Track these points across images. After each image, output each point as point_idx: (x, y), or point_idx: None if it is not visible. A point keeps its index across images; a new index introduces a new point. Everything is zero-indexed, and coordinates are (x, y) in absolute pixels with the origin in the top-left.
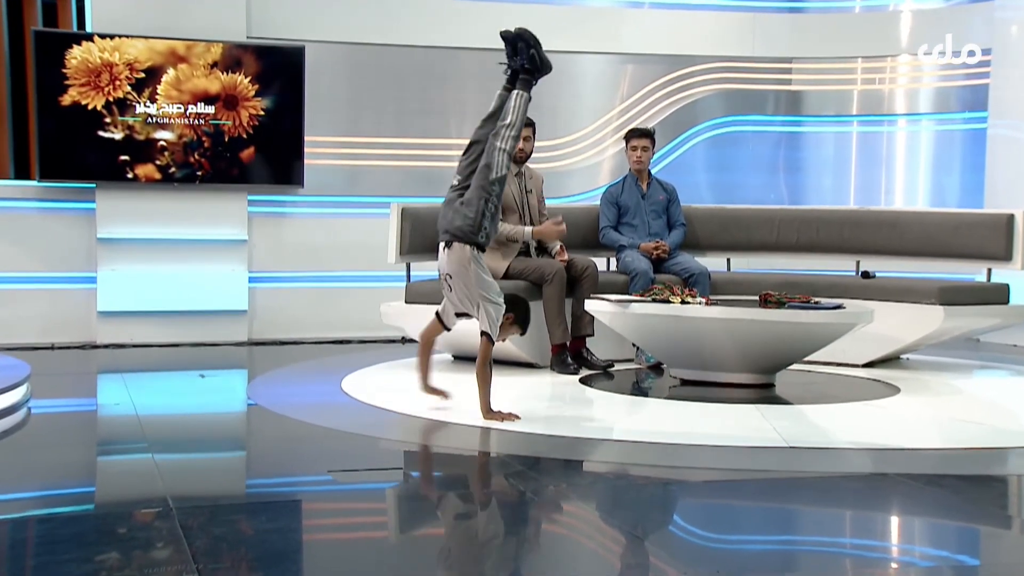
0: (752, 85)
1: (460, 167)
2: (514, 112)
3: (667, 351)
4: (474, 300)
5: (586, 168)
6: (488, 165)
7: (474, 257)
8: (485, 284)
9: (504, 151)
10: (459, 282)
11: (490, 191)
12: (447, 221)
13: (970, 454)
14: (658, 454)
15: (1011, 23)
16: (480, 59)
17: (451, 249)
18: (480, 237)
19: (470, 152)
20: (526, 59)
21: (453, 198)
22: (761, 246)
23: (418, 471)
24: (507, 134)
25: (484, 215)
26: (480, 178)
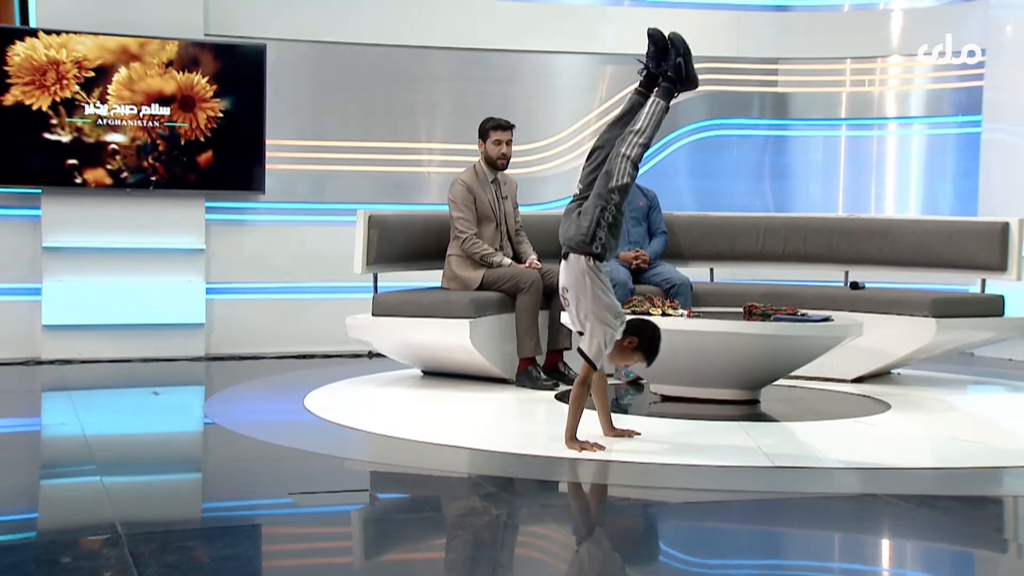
0: (737, 87)
1: (582, 175)
2: (646, 119)
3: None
4: (588, 318)
5: (563, 174)
6: (609, 172)
7: (591, 269)
8: (600, 301)
9: (629, 159)
10: (574, 296)
11: (608, 199)
12: (564, 232)
13: (964, 474)
14: (637, 474)
15: (1006, 23)
16: (453, 59)
17: (568, 261)
18: (595, 247)
19: (592, 159)
20: (671, 67)
21: (572, 208)
22: (746, 255)
23: (385, 493)
24: (634, 141)
25: (600, 224)
26: (599, 185)
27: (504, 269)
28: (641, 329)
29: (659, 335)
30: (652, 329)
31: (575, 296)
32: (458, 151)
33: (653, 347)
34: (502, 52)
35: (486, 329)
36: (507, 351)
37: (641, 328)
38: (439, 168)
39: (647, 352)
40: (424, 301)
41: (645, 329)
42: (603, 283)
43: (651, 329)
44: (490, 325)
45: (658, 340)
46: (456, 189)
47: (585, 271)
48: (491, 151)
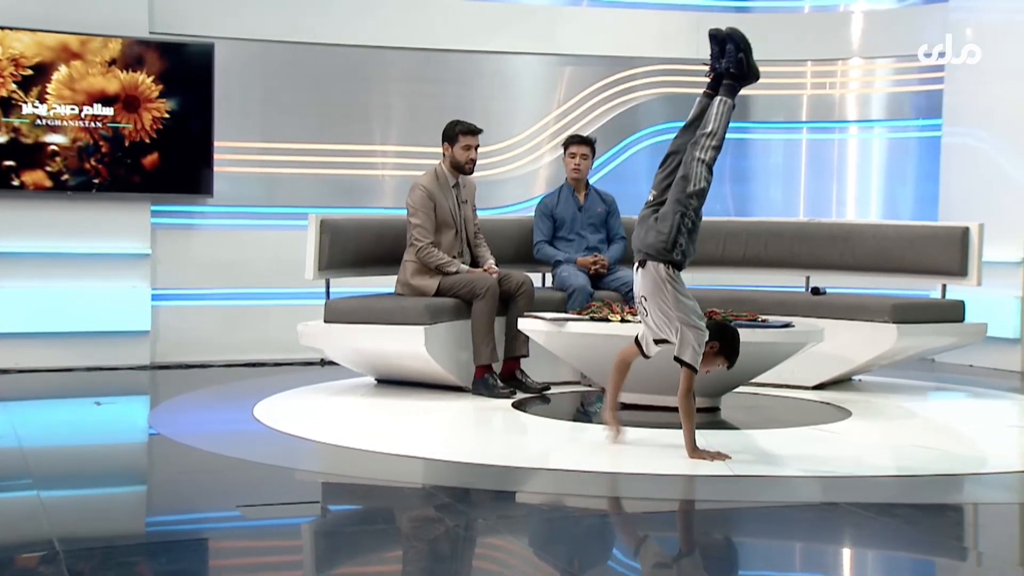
0: (697, 89)
1: (656, 181)
2: (716, 120)
3: (606, 373)
4: (672, 324)
5: (520, 177)
6: (685, 177)
7: (670, 277)
8: (684, 306)
9: (703, 162)
10: (655, 304)
11: (687, 205)
12: (639, 239)
13: (924, 482)
14: (596, 484)
15: (965, 25)
16: (408, 59)
17: (645, 269)
18: (675, 255)
19: (666, 164)
20: (733, 63)
21: (647, 214)
22: (706, 260)
23: (337, 505)
24: (707, 144)
25: (680, 231)
26: (677, 191)
27: (461, 275)
28: (721, 333)
29: (738, 337)
30: (732, 332)
31: (655, 304)
32: (414, 154)
33: (734, 349)
34: (459, 53)
35: (441, 336)
36: (463, 358)
37: (721, 332)
38: (394, 171)
39: (728, 355)
40: (378, 307)
41: (725, 332)
42: (683, 288)
43: (731, 332)
44: (446, 332)
45: (738, 342)
46: (416, 195)
47: (665, 279)
48: (460, 155)
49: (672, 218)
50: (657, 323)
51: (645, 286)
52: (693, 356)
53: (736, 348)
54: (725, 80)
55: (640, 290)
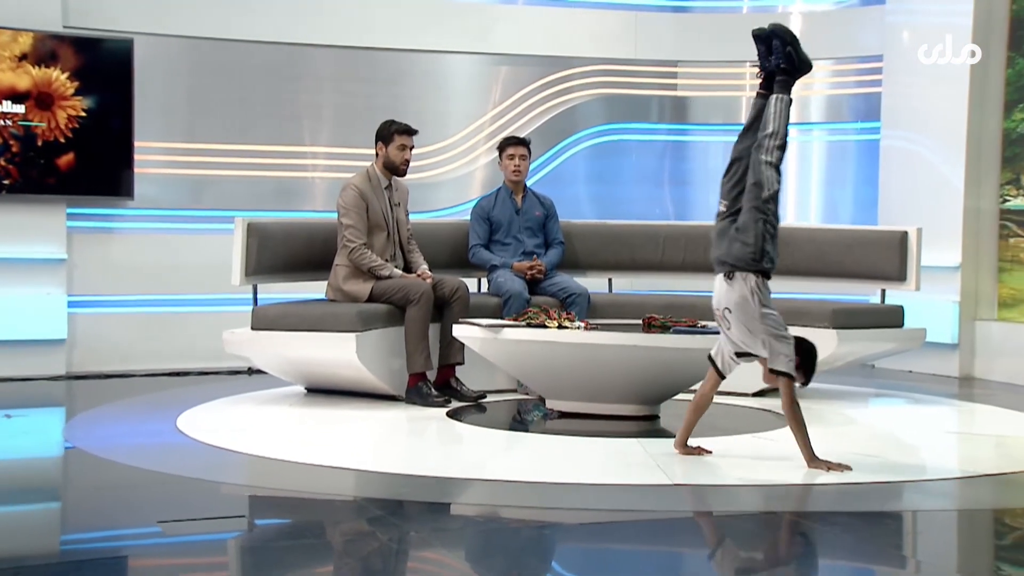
0: (635, 90)
1: (724, 190)
2: (775, 120)
3: (543, 380)
4: (756, 337)
5: (455, 179)
6: (758, 183)
7: (759, 288)
8: (771, 318)
9: (771, 164)
10: (739, 317)
11: (765, 211)
12: (723, 250)
13: (864, 490)
14: (533, 494)
15: (902, 28)
16: (338, 57)
17: (732, 280)
18: (764, 263)
19: (732, 172)
20: (782, 58)
21: (725, 226)
22: (645, 265)
23: (264, 519)
24: (771, 144)
25: (764, 238)
26: (752, 199)
27: (393, 280)
28: (800, 347)
29: (816, 352)
30: (811, 347)
31: (740, 316)
32: (345, 155)
33: (812, 364)
34: (391, 51)
35: (374, 343)
36: (396, 366)
37: (801, 346)
38: (324, 173)
39: (807, 370)
40: (308, 314)
41: (804, 347)
42: (769, 299)
43: (810, 346)
44: (378, 339)
45: (816, 357)
46: (348, 195)
47: (754, 289)
48: (395, 156)
49: (754, 227)
50: (741, 336)
51: (730, 298)
52: (788, 364)
53: (815, 364)
54: (778, 77)
55: (723, 302)
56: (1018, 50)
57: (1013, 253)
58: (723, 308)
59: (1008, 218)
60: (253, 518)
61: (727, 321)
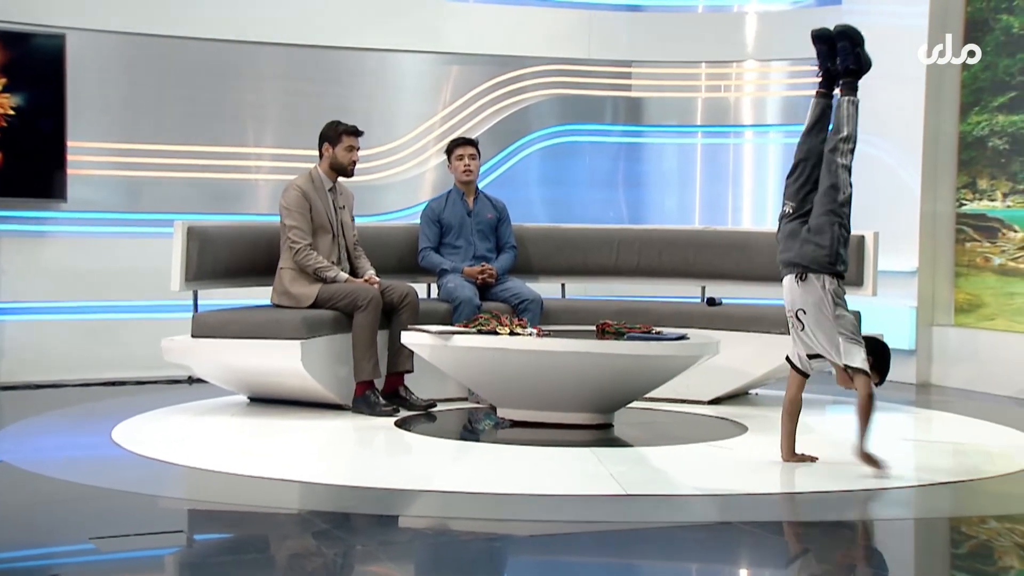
0: (589, 91)
1: (789, 192)
2: (848, 122)
3: (495, 389)
4: (832, 338)
5: (405, 182)
6: (834, 186)
7: (833, 290)
8: (847, 319)
9: (846, 168)
10: (814, 318)
11: (841, 214)
12: (794, 252)
13: (819, 499)
14: (483, 505)
15: (859, 27)
16: (283, 56)
17: (806, 282)
18: (839, 266)
19: (797, 173)
20: (852, 60)
21: (796, 228)
22: (599, 270)
23: (204, 534)
24: (845, 148)
25: (839, 242)
26: (827, 202)
27: (340, 285)
28: (875, 348)
29: (888, 351)
30: (885, 347)
31: (815, 318)
32: (290, 156)
33: (886, 364)
34: (338, 49)
35: (319, 350)
36: (343, 374)
37: (874, 347)
38: (268, 175)
39: (881, 371)
40: (250, 320)
41: (878, 347)
42: (844, 300)
43: (884, 347)
44: (324, 346)
45: (889, 356)
46: (290, 195)
47: (830, 292)
48: (342, 157)
49: (830, 230)
50: (815, 337)
51: (805, 300)
52: (865, 362)
53: (888, 364)
54: (844, 78)
55: (797, 303)
56: None
57: (969, 258)
58: (796, 310)
59: (964, 222)
60: (192, 533)
61: (800, 323)
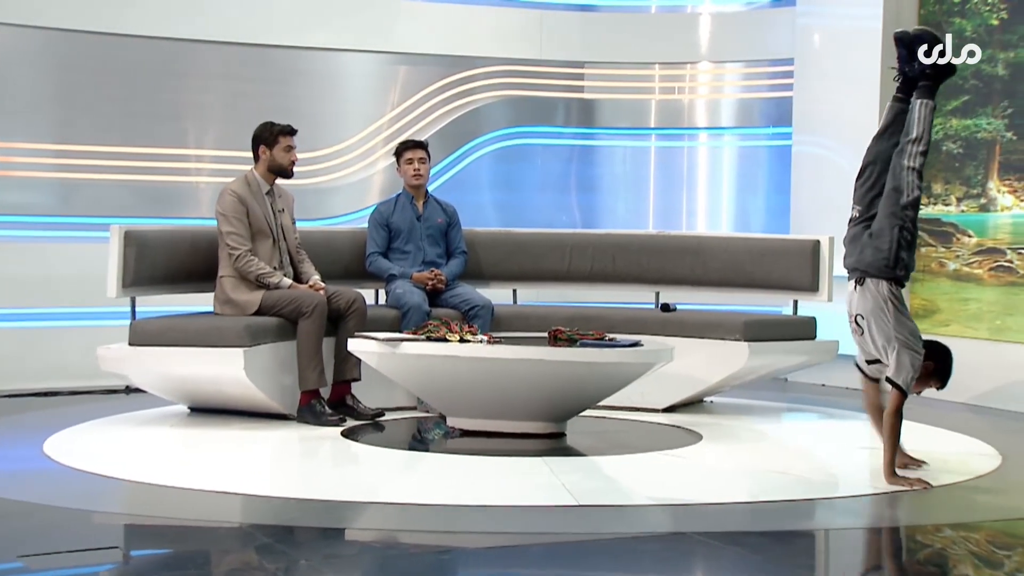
0: (541, 92)
1: (857, 195)
2: (919, 125)
3: (444, 397)
4: (890, 344)
5: (352, 184)
6: (897, 188)
7: (893, 295)
8: (905, 326)
9: (914, 170)
10: (874, 324)
11: (904, 218)
12: (855, 257)
13: (775, 508)
14: (433, 517)
15: (813, 31)
16: (226, 54)
17: (863, 287)
18: (898, 271)
19: (865, 176)
20: (929, 65)
21: (859, 232)
22: (551, 275)
23: (141, 549)
24: (914, 151)
25: (901, 245)
26: (890, 204)
27: (284, 291)
28: (937, 353)
29: (952, 358)
30: (947, 352)
31: (876, 324)
32: (232, 159)
33: (948, 369)
34: (282, 48)
35: (263, 359)
36: (287, 383)
37: (936, 351)
38: (210, 178)
39: (942, 376)
40: (191, 328)
41: (941, 352)
42: (904, 307)
43: (945, 352)
44: (268, 354)
45: (952, 363)
46: (225, 200)
47: (888, 297)
48: (282, 158)
49: (890, 233)
50: (870, 343)
51: (863, 305)
52: (907, 379)
53: (950, 369)
54: (921, 82)
55: (856, 309)
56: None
57: (924, 263)
58: (855, 315)
59: (919, 227)
60: (128, 549)
61: (860, 328)
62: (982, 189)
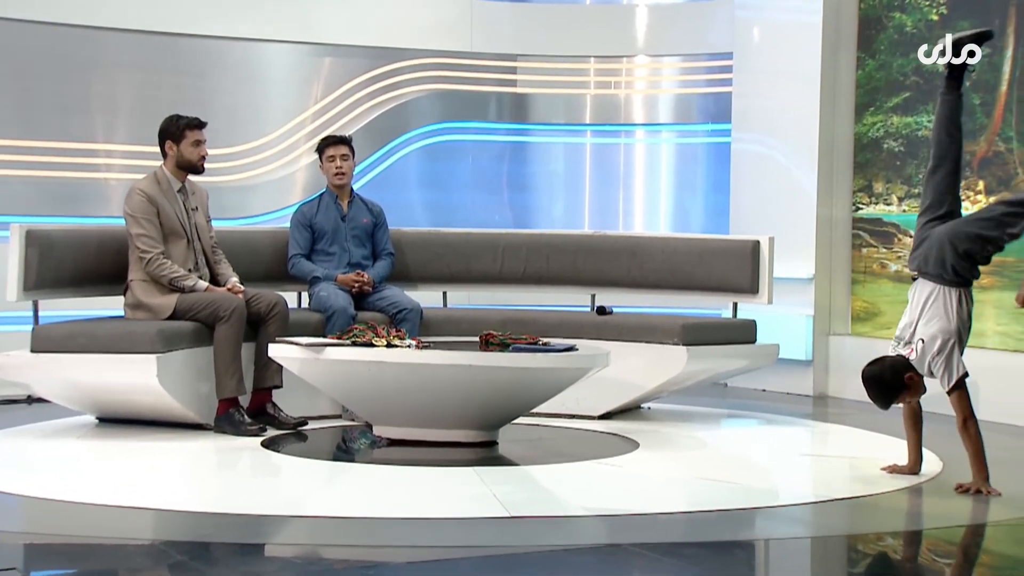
0: (472, 86)
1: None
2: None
3: (371, 405)
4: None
5: (273, 182)
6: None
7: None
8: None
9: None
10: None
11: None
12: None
13: (713, 517)
14: (358, 531)
15: (752, 24)
16: (137, 44)
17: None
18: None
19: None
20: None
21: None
22: (482, 277)
23: (43, 570)
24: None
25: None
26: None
27: (200, 294)
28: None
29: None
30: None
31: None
32: (144, 154)
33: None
34: (199, 38)
35: (178, 365)
36: (204, 391)
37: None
38: (120, 174)
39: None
40: (99, 333)
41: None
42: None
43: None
44: (183, 361)
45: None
46: (134, 200)
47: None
48: (191, 153)
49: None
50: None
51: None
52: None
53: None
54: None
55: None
56: (867, 51)
57: (866, 264)
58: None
59: (860, 227)
60: (29, 570)
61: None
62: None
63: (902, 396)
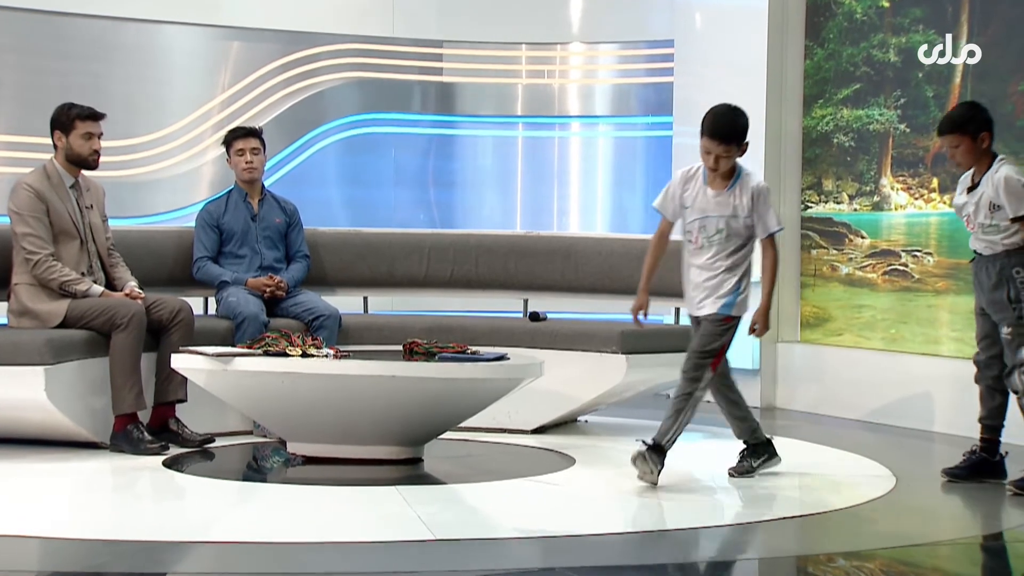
0: (393, 74)
1: None
2: None
3: (284, 420)
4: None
5: (177, 178)
6: None
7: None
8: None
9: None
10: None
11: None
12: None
13: (654, 538)
14: (269, 558)
15: (694, 10)
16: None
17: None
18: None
19: None
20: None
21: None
22: (407, 281)
23: None
24: None
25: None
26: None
27: (94, 300)
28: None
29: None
30: None
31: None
32: (28, 145)
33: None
34: (90, 18)
35: (69, 378)
36: (98, 406)
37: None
38: (3, 168)
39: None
40: None
41: None
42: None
43: None
44: (75, 373)
45: None
46: (20, 197)
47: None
48: (80, 147)
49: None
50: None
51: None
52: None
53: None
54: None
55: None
56: (816, 39)
57: (815, 266)
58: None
59: (809, 227)
60: None
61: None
62: (875, 186)
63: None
